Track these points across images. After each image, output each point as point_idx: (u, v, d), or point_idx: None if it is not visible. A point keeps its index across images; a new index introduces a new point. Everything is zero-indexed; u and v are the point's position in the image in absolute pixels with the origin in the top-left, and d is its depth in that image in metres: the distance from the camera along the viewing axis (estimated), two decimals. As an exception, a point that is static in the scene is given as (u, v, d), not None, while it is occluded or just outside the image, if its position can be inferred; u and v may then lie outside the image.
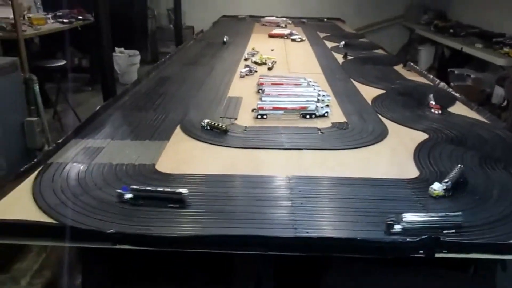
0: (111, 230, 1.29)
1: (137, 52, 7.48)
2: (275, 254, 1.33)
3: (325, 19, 7.38)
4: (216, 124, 2.19)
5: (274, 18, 6.87)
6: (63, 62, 5.22)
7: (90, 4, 4.16)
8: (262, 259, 1.70)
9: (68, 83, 5.93)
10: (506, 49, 5.47)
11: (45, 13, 6.43)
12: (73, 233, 1.32)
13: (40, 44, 6.25)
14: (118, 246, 1.32)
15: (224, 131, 2.15)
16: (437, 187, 1.59)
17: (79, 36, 6.40)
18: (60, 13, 6.33)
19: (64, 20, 6.13)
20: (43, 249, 2.67)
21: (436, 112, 2.57)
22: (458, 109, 2.74)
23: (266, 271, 1.71)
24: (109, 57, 3.84)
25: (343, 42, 4.90)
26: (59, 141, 1.97)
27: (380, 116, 2.51)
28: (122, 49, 7.24)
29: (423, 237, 1.29)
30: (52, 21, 6.10)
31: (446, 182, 1.61)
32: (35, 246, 2.62)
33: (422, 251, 1.31)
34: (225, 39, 4.91)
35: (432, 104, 2.64)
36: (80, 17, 6.36)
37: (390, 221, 1.37)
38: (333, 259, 1.80)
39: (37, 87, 3.36)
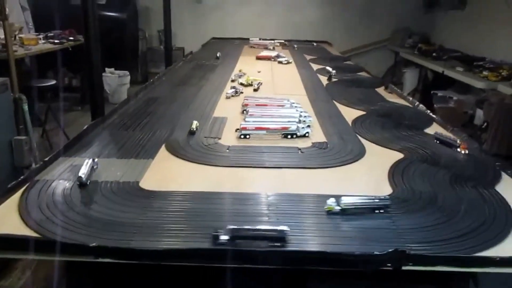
0: (93, 244, 1.35)
1: (127, 73, 7.59)
2: (252, 268, 1.39)
3: (314, 43, 7.54)
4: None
5: (262, 40, 7.05)
6: (53, 82, 5.30)
7: (82, 25, 4.26)
8: (242, 272, 1.76)
9: (58, 102, 6.00)
10: (485, 73, 5.67)
11: (37, 33, 6.54)
12: (57, 246, 1.37)
13: (31, 64, 6.33)
14: (100, 260, 1.37)
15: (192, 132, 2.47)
16: (330, 202, 1.66)
17: (70, 57, 6.51)
18: (52, 34, 6.44)
19: (55, 41, 6.23)
20: (28, 266, 2.69)
21: (463, 151, 2.35)
22: (435, 130, 2.84)
23: (247, 284, 1.77)
24: (99, 77, 3.92)
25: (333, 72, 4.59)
26: (46, 159, 2.03)
27: (359, 137, 2.61)
28: (113, 69, 7.35)
29: (390, 250, 1.36)
30: (43, 41, 6.20)
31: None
32: (20, 264, 2.65)
33: (389, 264, 1.39)
34: (218, 55, 5.42)
35: (460, 143, 2.40)
36: (71, 38, 6.48)
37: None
38: (311, 273, 1.86)
39: (26, 107, 3.42)
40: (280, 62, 5.36)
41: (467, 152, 2.35)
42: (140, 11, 9.23)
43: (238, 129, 2.55)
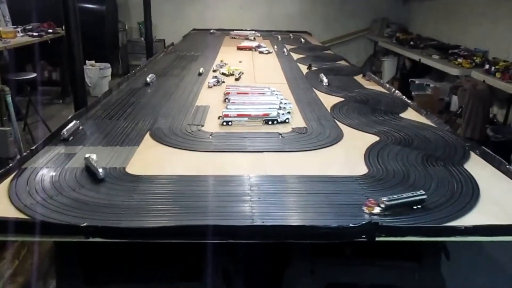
0: (84, 224, 1.41)
1: (108, 65, 7.56)
2: (237, 244, 1.48)
3: (291, 35, 7.55)
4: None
5: (243, 31, 7.10)
6: (33, 75, 5.26)
7: (60, 17, 4.25)
8: (228, 249, 1.85)
9: (38, 95, 5.95)
10: (460, 60, 5.84)
11: (15, 26, 6.45)
12: (49, 228, 1.43)
13: (9, 58, 6.25)
14: (91, 239, 1.44)
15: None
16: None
17: (49, 50, 6.44)
18: (30, 27, 6.36)
19: (34, 34, 6.17)
20: (16, 256, 2.72)
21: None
22: (410, 114, 2.97)
23: (233, 261, 1.86)
24: (80, 70, 3.93)
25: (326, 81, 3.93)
26: (33, 147, 2.08)
27: (338, 122, 2.71)
28: (93, 62, 7.30)
29: (364, 222, 1.46)
30: (21, 34, 6.13)
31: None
32: (8, 253, 2.68)
33: (364, 236, 1.49)
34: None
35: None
36: (50, 31, 6.41)
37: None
38: (294, 250, 1.97)
39: (9, 98, 3.42)
40: (261, 52, 5.43)
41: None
42: (120, 3, 9.16)
43: (220, 116, 2.62)
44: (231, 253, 2.07)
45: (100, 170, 1.81)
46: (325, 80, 3.63)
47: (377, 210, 1.62)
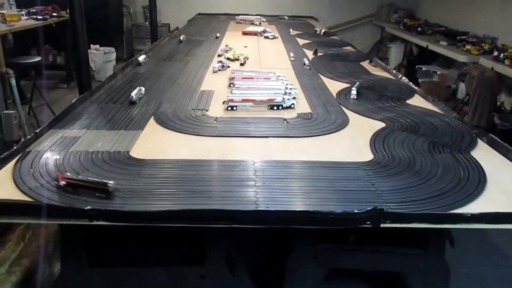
0: (88, 207, 1.41)
1: (113, 49, 7.51)
2: (241, 229, 1.48)
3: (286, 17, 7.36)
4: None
5: (248, 16, 7.03)
6: (37, 59, 5.23)
7: (65, 1, 4.21)
8: (231, 234, 1.85)
9: (43, 79, 5.94)
10: (468, 47, 5.75)
11: (19, 9, 6.40)
12: (53, 210, 1.43)
13: (14, 41, 6.22)
14: (95, 222, 1.44)
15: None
16: None
17: (53, 33, 6.40)
18: (34, 10, 6.31)
19: (38, 17, 6.11)
20: (22, 238, 2.74)
21: None
22: (416, 101, 2.94)
23: (236, 245, 1.86)
24: (85, 54, 3.90)
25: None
26: (37, 131, 2.07)
27: (343, 108, 2.69)
28: (98, 46, 7.26)
29: (369, 209, 1.45)
30: (25, 17, 6.08)
31: None
32: (14, 235, 2.70)
33: (368, 222, 1.48)
34: (217, 35, 5.31)
35: None
36: (55, 14, 6.35)
37: None
38: (297, 235, 1.97)
39: (13, 81, 3.40)
40: (266, 37, 5.38)
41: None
42: (124, -14, 9.06)
43: (225, 101, 2.60)
44: (235, 237, 2.08)
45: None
46: (353, 92, 2.88)
47: None
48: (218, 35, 5.32)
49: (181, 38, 4.99)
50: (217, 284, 1.96)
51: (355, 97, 2.87)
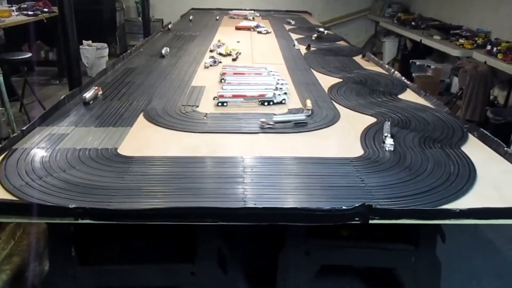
0: (73, 205, 1.39)
1: (105, 45, 7.45)
2: (232, 226, 1.46)
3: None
4: None
5: (242, 11, 6.98)
6: (28, 55, 5.18)
7: (55, -4, 4.16)
8: (222, 231, 1.84)
9: (34, 76, 5.88)
10: (461, 41, 5.74)
11: (9, 5, 6.33)
12: (37, 209, 1.41)
13: (5, 37, 6.16)
14: (80, 221, 1.42)
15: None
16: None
17: (45, 29, 6.34)
18: (25, 5, 6.25)
19: (29, 13, 6.05)
20: (12, 236, 2.72)
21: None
22: (408, 96, 2.92)
23: (227, 242, 1.85)
24: (75, 50, 3.86)
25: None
26: (24, 128, 2.05)
27: (335, 103, 2.67)
28: (90, 42, 7.20)
29: (357, 205, 1.44)
30: (16, 13, 6.02)
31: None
32: (3, 234, 2.68)
33: (357, 218, 1.47)
34: (217, 18, 5.80)
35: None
36: (46, 9, 6.29)
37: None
38: (289, 232, 1.96)
39: (1, 78, 3.36)
40: (259, 32, 5.34)
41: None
42: (117, -19, 8.98)
43: (215, 97, 2.58)
44: (226, 234, 2.06)
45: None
46: (389, 143, 2.00)
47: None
48: (217, 17, 5.64)
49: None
50: (208, 281, 1.95)
51: (391, 148, 1.99)
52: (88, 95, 2.51)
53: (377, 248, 2.11)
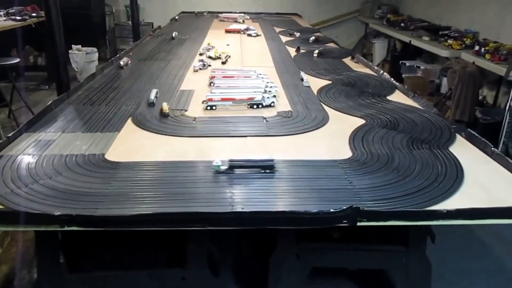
0: (58, 213, 1.38)
1: (95, 49, 7.40)
2: (222, 230, 1.46)
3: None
4: None
5: (232, 14, 6.98)
6: (16, 60, 5.13)
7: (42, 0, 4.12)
8: (211, 235, 1.83)
9: (23, 81, 5.83)
10: (450, 41, 5.79)
11: (-3, 10, 6.29)
12: (23, 217, 1.39)
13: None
14: (66, 228, 1.40)
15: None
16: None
17: (34, 34, 6.30)
18: (13, 10, 6.20)
19: (17, 18, 6.01)
20: (0, 244, 2.69)
21: None
22: (397, 97, 2.94)
23: (217, 247, 1.84)
24: (63, 54, 3.82)
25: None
26: (10, 134, 2.02)
27: (324, 105, 2.67)
28: (80, 46, 7.15)
29: (344, 207, 1.44)
30: (4, 18, 5.97)
31: None
32: (-9, 242, 2.65)
33: (345, 221, 1.47)
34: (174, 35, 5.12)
35: None
36: (34, 14, 6.25)
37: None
38: (279, 235, 1.95)
39: (-12, 84, 3.32)
40: (249, 35, 5.35)
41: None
42: (106, -15, 8.94)
43: (204, 100, 2.57)
44: (216, 238, 2.05)
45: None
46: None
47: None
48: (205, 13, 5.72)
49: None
50: (199, 285, 1.94)
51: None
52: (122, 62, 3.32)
53: (367, 249, 2.11)
